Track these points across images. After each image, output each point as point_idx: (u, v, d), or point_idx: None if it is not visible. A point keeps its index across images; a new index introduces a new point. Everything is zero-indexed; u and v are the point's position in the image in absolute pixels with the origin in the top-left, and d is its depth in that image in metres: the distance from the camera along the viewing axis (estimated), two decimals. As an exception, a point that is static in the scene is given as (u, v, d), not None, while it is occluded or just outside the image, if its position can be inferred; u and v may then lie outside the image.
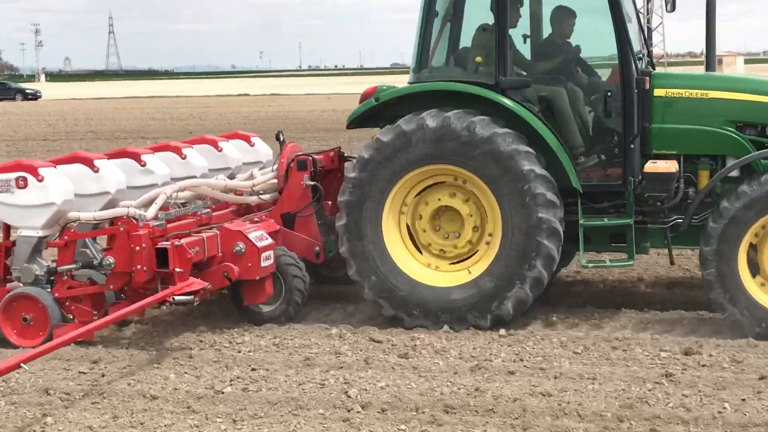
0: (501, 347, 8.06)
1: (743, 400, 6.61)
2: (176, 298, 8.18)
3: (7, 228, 9.15)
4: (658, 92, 8.81)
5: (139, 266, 8.40)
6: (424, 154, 8.70)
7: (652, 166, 8.59)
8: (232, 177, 10.35)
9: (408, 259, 8.94)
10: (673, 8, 9.59)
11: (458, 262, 8.92)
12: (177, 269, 8.31)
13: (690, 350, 7.78)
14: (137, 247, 8.41)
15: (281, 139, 10.07)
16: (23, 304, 8.61)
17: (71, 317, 8.65)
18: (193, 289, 8.25)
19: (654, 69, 9.45)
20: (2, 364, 6.56)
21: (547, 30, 9.33)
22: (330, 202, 9.89)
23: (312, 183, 9.66)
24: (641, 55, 9.08)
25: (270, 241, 8.91)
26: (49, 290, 8.67)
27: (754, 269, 8.48)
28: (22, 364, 6.61)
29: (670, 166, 8.58)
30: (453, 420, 6.43)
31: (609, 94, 8.78)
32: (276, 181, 9.91)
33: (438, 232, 8.94)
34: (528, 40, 9.36)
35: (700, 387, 6.89)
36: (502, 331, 8.50)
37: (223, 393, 7.10)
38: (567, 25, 9.24)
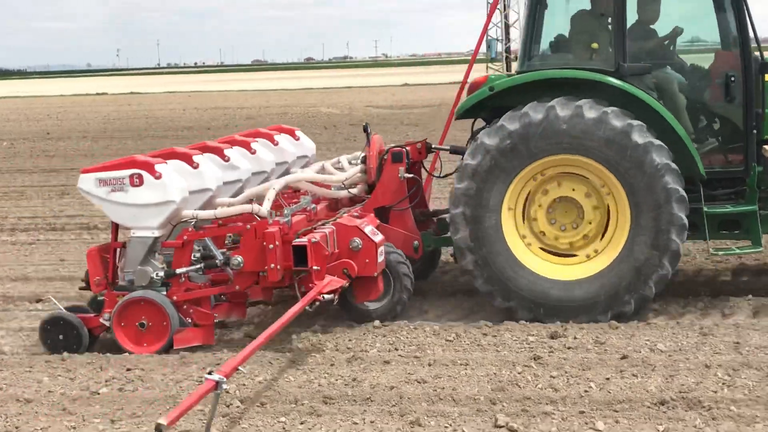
0: (376, 338, 8.22)
1: (607, 378, 6.92)
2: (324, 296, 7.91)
3: (116, 228, 8.55)
4: None
5: (272, 265, 8.08)
6: (551, 144, 8.47)
7: None
8: (287, 172, 10.03)
9: (525, 251, 8.73)
10: None
11: (570, 255, 8.76)
12: (314, 267, 8.01)
13: (556, 334, 8.08)
14: (270, 245, 8.07)
15: (368, 131, 9.71)
16: (141, 308, 8.12)
17: (189, 321, 8.25)
18: (333, 288, 8.00)
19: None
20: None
21: (632, 14, 9.07)
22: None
23: (410, 175, 9.51)
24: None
25: (381, 236, 8.67)
26: (164, 293, 8.24)
27: None
28: (239, 367, 6.44)
29: None
30: (332, 410, 6.55)
31: (732, 79, 8.69)
32: (361, 174, 9.67)
33: (554, 225, 8.75)
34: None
35: (567, 368, 7.17)
36: (377, 323, 8.65)
37: (99, 394, 7.06)
38: (652, 10, 9.17)
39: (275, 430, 6.31)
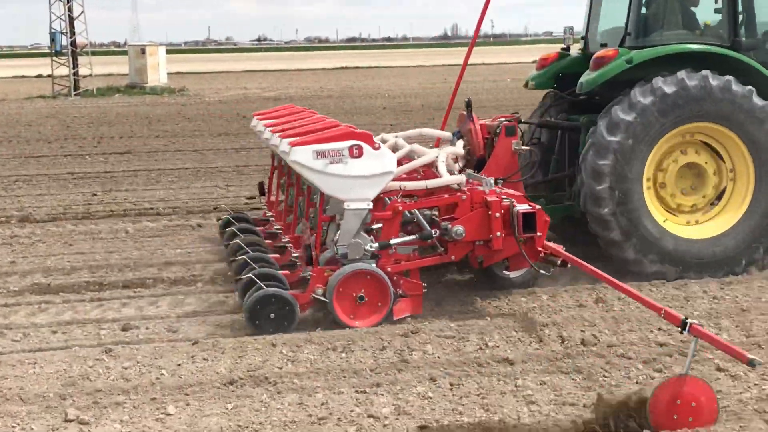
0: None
1: (179, 365, 7.08)
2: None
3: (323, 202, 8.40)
4: None
5: (498, 233, 8.20)
6: (687, 114, 9.29)
7: None
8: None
9: (663, 216, 9.51)
10: None
11: (691, 213, 9.61)
12: (538, 233, 8.17)
13: (128, 326, 8.14)
14: (497, 214, 8.19)
15: (471, 107, 9.93)
16: (358, 281, 7.91)
17: (400, 292, 8.12)
18: (561, 252, 8.12)
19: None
20: None
21: None
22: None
23: (526, 148, 9.68)
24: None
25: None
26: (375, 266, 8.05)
27: None
28: None
29: None
30: None
31: None
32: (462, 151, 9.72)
33: (681, 190, 9.56)
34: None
35: (139, 358, 7.24)
36: None
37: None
38: None
39: None
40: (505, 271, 8.98)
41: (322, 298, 7.96)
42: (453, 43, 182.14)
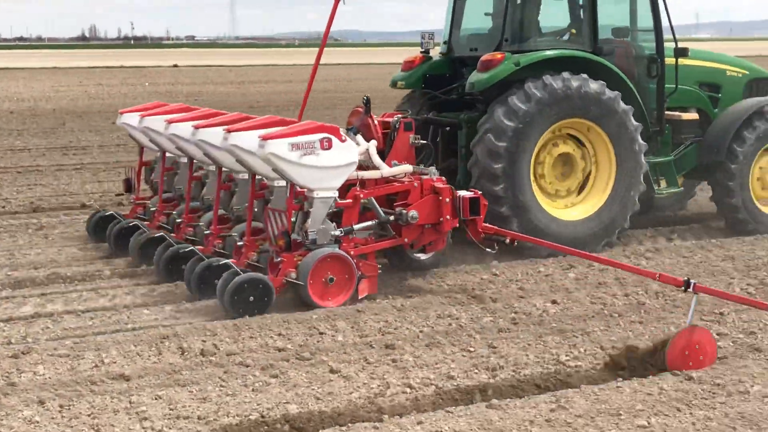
0: None
1: None
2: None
3: (293, 192, 8.77)
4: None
5: (448, 216, 9.07)
6: (572, 109, 10.53)
7: None
8: None
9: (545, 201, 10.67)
10: None
11: (566, 197, 10.86)
12: (480, 216, 9.20)
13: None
14: (447, 199, 9.07)
15: (369, 104, 10.44)
16: (327, 265, 8.49)
17: (359, 273, 8.66)
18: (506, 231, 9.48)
19: None
20: None
21: None
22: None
23: (423, 142, 10.49)
24: None
25: None
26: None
27: None
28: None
29: None
30: None
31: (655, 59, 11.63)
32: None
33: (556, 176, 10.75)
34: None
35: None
36: None
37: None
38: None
39: None
40: (417, 254, 9.73)
41: (296, 281, 8.42)
42: (92, 44, 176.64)
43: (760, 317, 8.09)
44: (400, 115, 10.65)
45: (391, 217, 9.07)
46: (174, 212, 10.63)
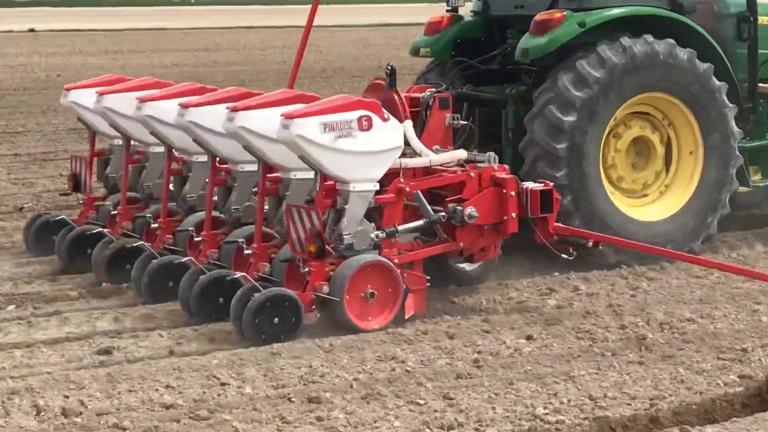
0: None
1: None
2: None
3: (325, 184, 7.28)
4: None
5: (513, 214, 7.56)
6: (655, 81, 8.97)
7: None
8: None
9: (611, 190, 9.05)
10: None
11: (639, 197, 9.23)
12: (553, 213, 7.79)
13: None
14: (512, 193, 7.56)
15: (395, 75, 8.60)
16: (368, 276, 7.09)
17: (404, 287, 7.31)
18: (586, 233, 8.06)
19: None
20: None
21: None
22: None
23: (463, 122, 8.76)
24: None
25: None
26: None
27: None
28: None
29: None
30: None
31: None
32: None
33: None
34: None
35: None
36: None
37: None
38: None
39: None
40: (461, 264, 8.18)
41: (329, 297, 7.02)
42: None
43: None
44: (432, 89, 8.94)
45: (443, 216, 7.53)
46: (146, 215, 8.75)
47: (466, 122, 8.95)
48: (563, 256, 7.89)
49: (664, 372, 6.28)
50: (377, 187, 7.29)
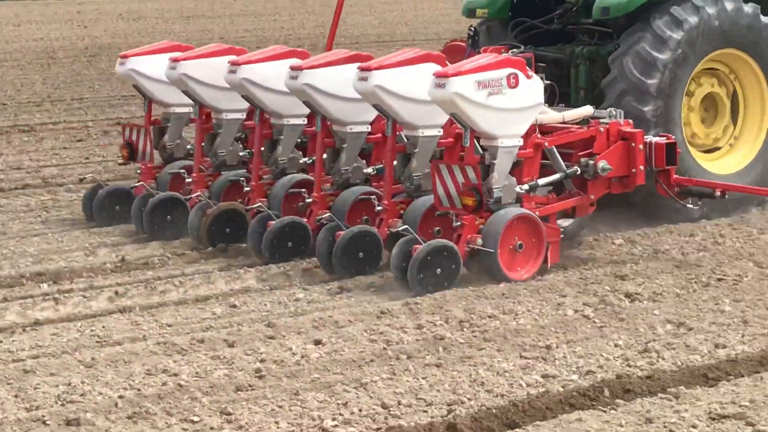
0: None
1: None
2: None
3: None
4: None
5: (641, 167, 7.96)
6: (727, 35, 9.12)
7: None
8: None
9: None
10: None
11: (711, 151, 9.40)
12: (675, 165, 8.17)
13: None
14: (640, 146, 7.94)
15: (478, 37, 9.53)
16: (516, 228, 7.48)
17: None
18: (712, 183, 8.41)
19: None
20: None
21: None
22: None
23: (547, 82, 8.41)
24: None
25: None
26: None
27: None
28: None
29: None
30: None
31: None
32: None
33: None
34: None
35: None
36: None
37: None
38: None
39: None
40: (558, 219, 8.19)
41: (484, 248, 7.38)
42: None
43: None
44: (515, 50, 9.11)
45: (577, 170, 7.88)
46: (239, 178, 8.88)
47: (548, 81, 8.86)
48: (688, 206, 8.29)
49: (462, 374, 5.81)
50: (521, 143, 7.63)
